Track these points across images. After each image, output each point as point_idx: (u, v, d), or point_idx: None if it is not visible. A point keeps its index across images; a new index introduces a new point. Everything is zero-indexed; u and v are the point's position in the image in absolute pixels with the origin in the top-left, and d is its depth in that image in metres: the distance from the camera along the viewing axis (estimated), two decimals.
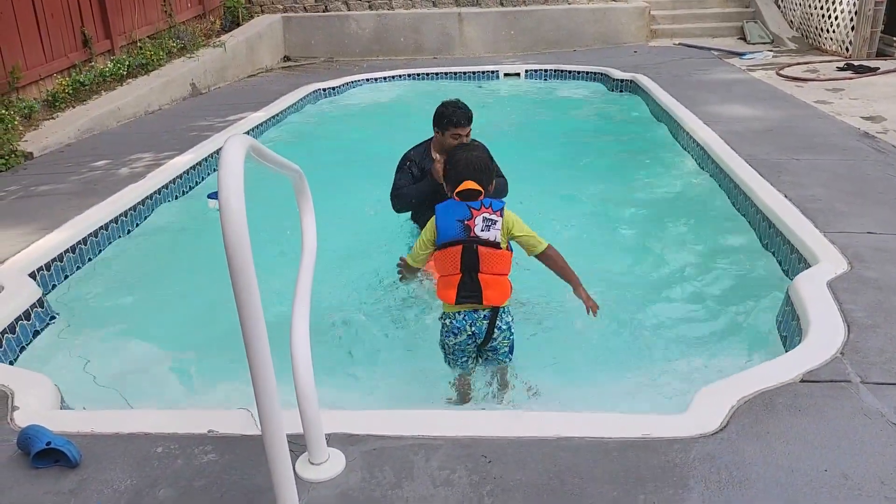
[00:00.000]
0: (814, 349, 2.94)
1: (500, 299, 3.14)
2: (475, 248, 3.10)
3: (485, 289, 3.10)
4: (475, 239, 3.10)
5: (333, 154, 7.48)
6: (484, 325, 3.16)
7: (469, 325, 3.18)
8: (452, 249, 3.12)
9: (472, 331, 3.18)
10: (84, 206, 5.11)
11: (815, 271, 3.63)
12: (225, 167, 1.90)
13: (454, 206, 3.17)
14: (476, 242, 3.10)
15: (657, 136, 7.26)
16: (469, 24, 12.32)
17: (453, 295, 3.12)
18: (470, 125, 4.35)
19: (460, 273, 3.11)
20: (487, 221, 3.11)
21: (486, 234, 3.11)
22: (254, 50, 11.65)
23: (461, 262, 3.10)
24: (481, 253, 3.10)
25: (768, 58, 10.38)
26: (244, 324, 1.96)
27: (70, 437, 2.61)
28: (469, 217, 3.11)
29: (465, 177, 3.17)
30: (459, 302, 3.14)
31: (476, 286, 3.10)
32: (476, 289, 3.10)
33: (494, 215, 3.12)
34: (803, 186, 4.83)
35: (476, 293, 3.11)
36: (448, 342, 3.24)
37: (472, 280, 3.10)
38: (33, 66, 8.00)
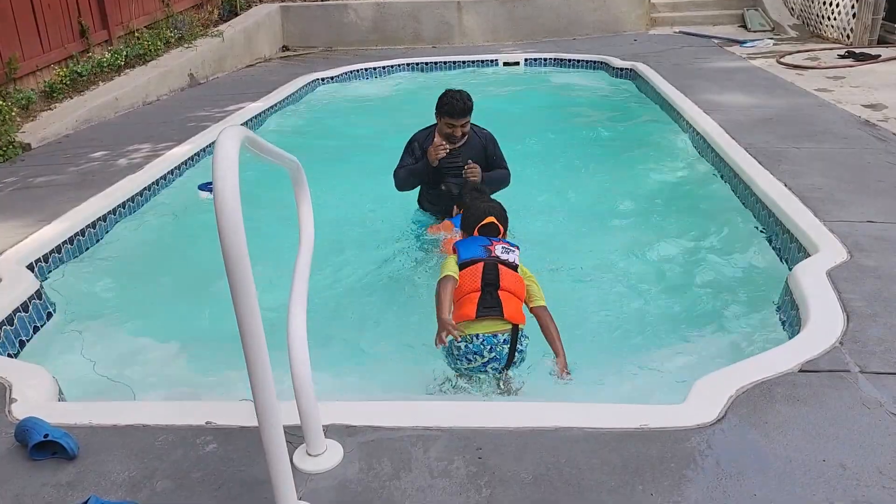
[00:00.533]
0: (813, 339, 2.94)
1: (519, 317, 3.16)
2: (496, 265, 3.20)
3: (505, 304, 3.13)
4: (496, 258, 3.23)
5: (332, 143, 7.47)
6: (504, 349, 3.12)
7: (487, 351, 3.11)
8: (474, 267, 3.20)
9: (491, 356, 3.12)
10: (82, 198, 5.10)
11: (814, 260, 3.62)
12: (219, 159, 1.88)
13: (475, 239, 3.38)
14: (497, 261, 3.22)
15: (657, 124, 7.23)
16: (468, 13, 12.26)
17: (473, 310, 3.12)
18: (466, 118, 4.38)
19: (480, 290, 3.14)
20: (506, 248, 3.29)
21: (506, 255, 3.25)
22: (252, 40, 11.59)
23: (482, 277, 3.16)
24: (501, 270, 3.18)
25: (769, 46, 10.33)
26: (240, 316, 1.95)
27: (68, 429, 2.61)
28: (489, 244, 3.29)
29: (487, 214, 3.40)
30: (480, 315, 3.11)
31: (496, 301, 3.13)
32: (497, 303, 3.13)
33: (512, 248, 3.32)
34: (803, 175, 4.81)
35: (497, 307, 3.12)
36: (461, 367, 3.17)
37: (493, 296, 3.14)
38: (30, 56, 7.96)
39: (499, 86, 9.79)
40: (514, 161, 6.21)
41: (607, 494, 2.20)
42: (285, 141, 7.51)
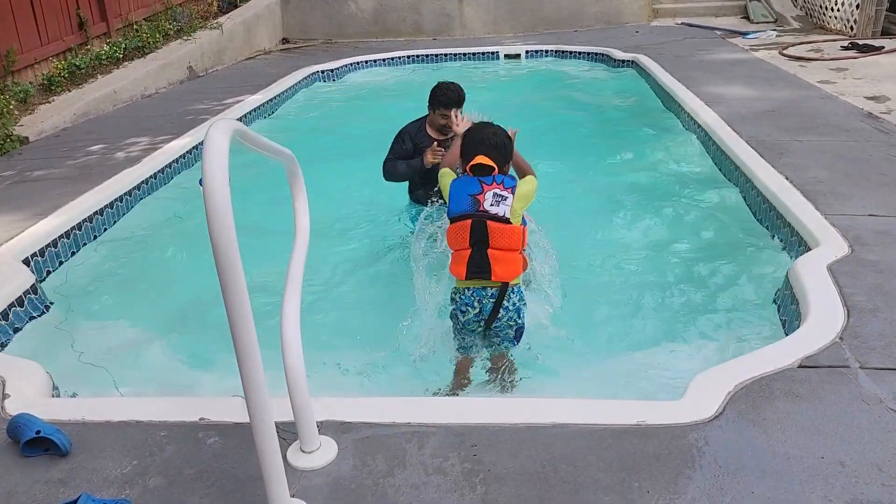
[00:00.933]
0: (812, 334, 2.91)
1: (509, 275, 3.12)
2: (484, 222, 3.10)
3: (493, 264, 3.09)
4: (484, 213, 3.11)
5: (331, 135, 7.44)
6: (490, 303, 3.13)
7: (477, 302, 3.15)
8: (462, 223, 3.13)
9: (480, 307, 3.15)
10: (79, 192, 5.07)
11: (815, 254, 3.58)
12: (209, 153, 1.85)
13: (466, 181, 3.21)
14: (485, 217, 3.10)
15: (659, 117, 7.19)
16: (469, 5, 12.19)
17: (463, 271, 3.12)
18: (459, 108, 4.42)
19: (470, 248, 3.10)
20: (497, 197, 3.11)
21: (495, 209, 3.10)
22: (251, 32, 11.55)
23: (470, 236, 3.10)
24: (490, 228, 3.09)
25: (772, 37, 10.26)
26: (230, 312, 1.93)
27: (61, 425, 2.59)
28: (479, 192, 3.12)
29: (479, 152, 3.17)
30: (469, 278, 3.12)
31: (485, 262, 3.09)
32: (485, 264, 3.09)
33: (506, 192, 3.12)
34: (805, 168, 4.77)
35: (485, 269, 3.09)
36: (459, 318, 3.21)
37: (482, 255, 3.09)
38: (28, 49, 7.93)
39: (499, 78, 9.75)
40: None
41: (603, 492, 2.17)
42: (284, 133, 7.49)
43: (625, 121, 7.33)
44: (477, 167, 3.16)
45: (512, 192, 3.13)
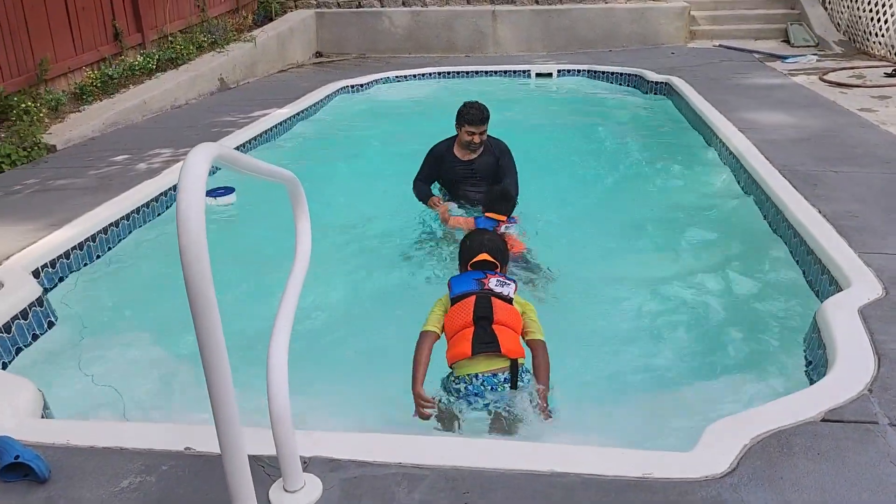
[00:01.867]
0: (839, 384, 2.71)
1: (517, 351, 2.96)
2: (489, 298, 3.03)
3: (501, 338, 2.93)
4: (489, 291, 3.06)
5: (357, 151, 7.39)
6: (506, 388, 2.90)
7: (489, 391, 2.90)
8: (465, 301, 3.03)
9: (493, 398, 2.91)
10: (97, 202, 5.05)
11: (846, 295, 3.37)
12: (186, 178, 1.76)
13: (468, 273, 3.22)
14: (490, 294, 3.05)
15: (690, 141, 7.00)
16: (503, 23, 12.12)
17: (468, 347, 2.92)
18: (484, 126, 4.78)
19: (473, 325, 2.96)
20: (501, 282, 3.11)
21: (500, 288, 3.08)
22: (285, 45, 11.60)
23: (474, 311, 2.98)
24: (495, 303, 3.01)
25: (812, 62, 9.99)
26: (201, 343, 1.84)
27: (45, 449, 2.52)
28: (483, 277, 3.13)
29: (481, 252, 3.23)
30: (476, 352, 2.91)
31: (492, 336, 2.94)
32: (493, 338, 2.93)
33: (509, 281, 3.15)
34: (839, 201, 4.55)
35: (493, 342, 2.93)
36: (460, 407, 2.95)
37: (487, 331, 2.95)
38: (63, 58, 8.04)
39: (530, 96, 9.63)
40: (540, 172, 6.08)
41: None
42: (309, 147, 7.46)
43: (653, 145, 7.15)
44: (479, 263, 3.20)
45: (514, 283, 3.15)
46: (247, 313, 3.90)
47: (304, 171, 6.53)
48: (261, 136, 7.24)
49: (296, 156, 7.24)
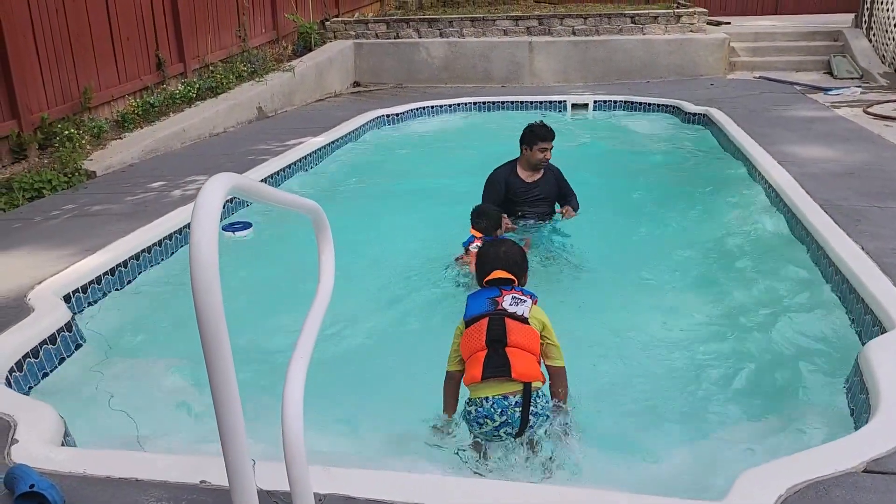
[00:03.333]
0: (882, 432, 2.56)
1: (530, 374, 2.85)
2: (502, 318, 2.92)
3: (513, 362, 2.84)
4: (503, 311, 2.95)
5: (390, 180, 7.40)
6: (517, 412, 2.81)
7: (499, 414, 2.83)
8: (479, 324, 2.94)
9: (503, 420, 2.83)
10: (130, 229, 5.11)
11: (890, 337, 3.22)
12: (200, 210, 1.75)
13: (484, 290, 3.11)
14: (503, 314, 2.94)
15: (728, 174, 6.85)
16: (539, 53, 12.13)
17: (478, 372, 2.85)
18: (553, 141, 5.19)
19: (486, 348, 2.87)
20: (516, 299, 2.99)
21: (514, 307, 2.96)
22: (323, 75, 11.76)
23: (487, 333, 2.89)
24: (509, 325, 2.90)
25: (856, 94, 9.78)
26: (212, 378, 1.80)
27: (61, 478, 2.51)
28: (498, 295, 3.01)
29: (496, 267, 3.11)
30: (486, 377, 2.84)
31: (503, 359, 2.85)
32: (503, 362, 2.84)
33: (525, 297, 3.02)
34: (883, 238, 4.38)
35: (504, 367, 2.84)
36: (474, 431, 2.93)
37: (499, 354, 2.86)
38: (106, 87, 8.23)
39: (565, 127, 9.57)
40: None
41: None
42: (343, 177, 7.49)
43: (691, 177, 7.03)
44: (494, 281, 3.09)
45: (531, 298, 3.02)
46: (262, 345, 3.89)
47: (337, 198, 6.64)
48: (295, 164, 7.30)
49: (329, 184, 7.28)
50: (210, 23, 10.25)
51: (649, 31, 12.17)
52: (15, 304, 3.95)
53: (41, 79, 7.32)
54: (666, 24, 12.15)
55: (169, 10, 9.34)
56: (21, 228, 5.38)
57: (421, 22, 12.80)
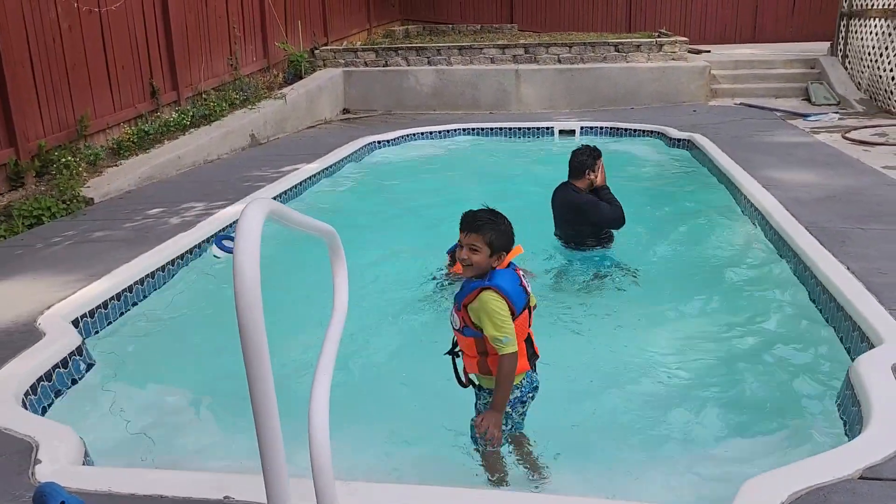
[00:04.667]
0: (875, 441, 2.70)
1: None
2: (530, 309, 3.08)
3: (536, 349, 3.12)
4: (529, 300, 3.07)
5: (384, 206, 7.51)
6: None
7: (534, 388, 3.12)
8: (523, 317, 3.00)
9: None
10: (133, 254, 5.18)
11: (878, 352, 3.36)
12: (243, 232, 1.85)
13: (511, 275, 2.98)
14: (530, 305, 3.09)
15: (714, 198, 7.04)
16: (526, 81, 12.39)
17: (526, 362, 3.03)
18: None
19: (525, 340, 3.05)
20: (525, 280, 3.08)
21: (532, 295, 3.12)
22: (314, 102, 11.92)
23: (529, 326, 3.06)
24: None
25: (834, 120, 10.09)
26: (254, 397, 1.89)
27: (88, 496, 2.57)
28: (520, 281, 3.03)
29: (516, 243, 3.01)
30: (532, 367, 3.09)
31: (532, 347, 3.09)
32: (534, 351, 3.11)
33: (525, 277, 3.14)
34: (868, 259, 4.56)
35: (535, 355, 3.11)
36: (517, 413, 3.07)
37: (530, 343, 3.09)
38: (102, 115, 8.33)
39: (553, 154, 9.76)
40: None
41: None
42: (337, 202, 7.61)
43: (677, 201, 7.21)
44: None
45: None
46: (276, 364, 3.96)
47: (332, 223, 6.71)
48: (289, 190, 7.41)
49: (324, 209, 7.38)
50: (202, 51, 10.40)
51: (632, 59, 12.48)
52: (25, 328, 4.02)
53: (38, 107, 7.41)
54: (648, 53, 12.47)
55: (162, 39, 9.49)
56: (23, 255, 5.44)
57: (409, 50, 13.04)
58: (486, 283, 2.87)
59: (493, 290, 2.86)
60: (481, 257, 2.86)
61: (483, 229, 2.85)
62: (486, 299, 2.85)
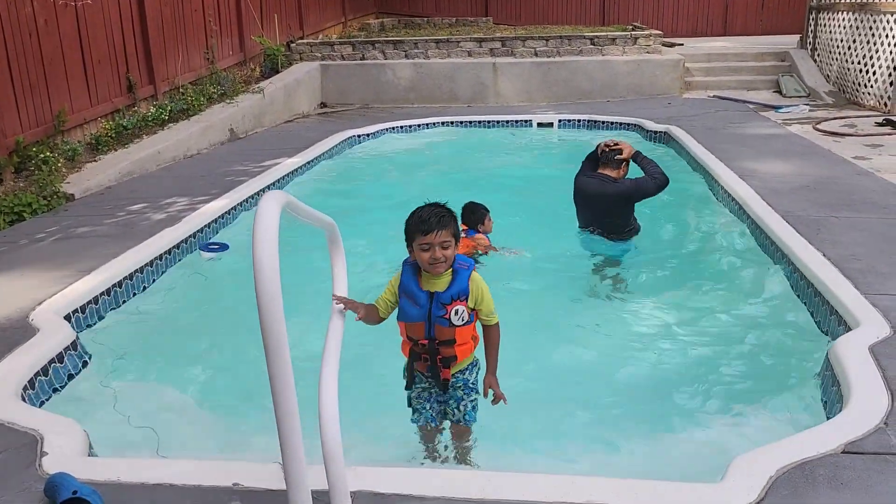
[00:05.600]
0: (856, 418, 2.84)
1: None
2: None
3: None
4: None
5: (366, 199, 7.56)
6: None
7: None
8: None
9: None
10: (120, 249, 5.18)
11: (856, 335, 3.52)
12: (260, 226, 1.92)
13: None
14: None
15: (692, 189, 7.20)
16: (503, 74, 12.48)
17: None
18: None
19: None
20: None
21: None
22: (291, 96, 11.90)
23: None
24: None
25: (805, 112, 10.33)
26: (274, 384, 1.96)
27: (96, 485, 2.61)
28: None
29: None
30: None
31: None
32: None
33: None
34: (843, 245, 4.73)
35: None
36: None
37: None
38: (79, 109, 8.25)
39: (532, 145, 9.88)
40: (543, 219, 6.28)
41: None
42: (319, 196, 7.63)
43: None
44: None
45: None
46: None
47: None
48: (272, 185, 7.42)
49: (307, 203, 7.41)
50: (179, 45, 10.33)
51: (608, 53, 12.63)
52: (19, 324, 4.02)
53: (15, 102, 7.32)
54: (624, 46, 12.63)
55: (139, 32, 9.41)
56: (8, 251, 5.41)
57: (386, 44, 13.06)
58: (470, 268, 2.99)
59: (474, 270, 3.01)
60: (453, 250, 2.94)
61: (449, 224, 2.91)
62: (479, 278, 2.99)
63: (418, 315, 2.96)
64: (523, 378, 3.66)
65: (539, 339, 4.26)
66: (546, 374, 3.83)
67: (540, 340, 4.24)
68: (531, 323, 4.41)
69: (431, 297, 2.93)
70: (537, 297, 4.89)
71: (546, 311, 4.69)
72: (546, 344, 4.19)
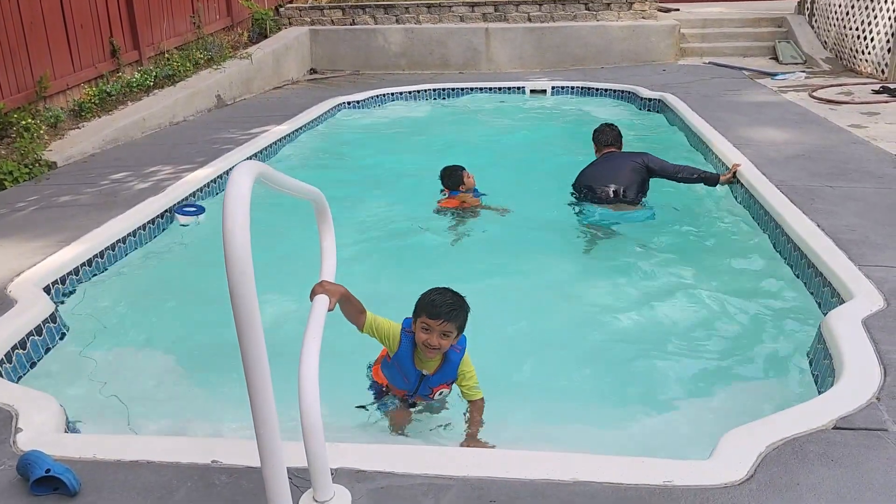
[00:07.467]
0: (847, 393, 2.79)
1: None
2: None
3: None
4: None
5: (355, 167, 7.46)
6: None
7: None
8: None
9: None
10: (102, 219, 5.08)
11: (849, 307, 3.46)
12: (231, 197, 1.83)
13: None
14: None
15: (685, 158, 7.09)
16: (496, 40, 12.26)
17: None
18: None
19: None
20: None
21: None
22: (280, 62, 11.68)
23: None
24: None
25: (801, 79, 10.18)
26: (245, 358, 1.89)
27: (72, 463, 2.55)
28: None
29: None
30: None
31: None
32: None
33: None
34: (837, 215, 4.66)
35: None
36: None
37: None
38: (61, 75, 8.06)
39: (524, 112, 9.74)
40: (535, 189, 6.20)
41: None
42: (309, 164, 7.51)
43: None
44: None
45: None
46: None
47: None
48: (259, 153, 7.29)
49: (295, 171, 7.29)
50: (164, 9, 10.09)
51: (603, 18, 12.40)
52: None
53: None
54: (619, 11, 12.40)
55: None
56: None
57: (377, 8, 12.80)
58: (462, 352, 3.04)
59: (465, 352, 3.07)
60: (450, 341, 2.95)
61: (458, 318, 2.90)
62: (467, 360, 3.07)
63: (404, 386, 3.10)
64: (507, 356, 3.62)
65: (524, 310, 4.20)
66: (531, 352, 3.76)
67: (525, 312, 4.17)
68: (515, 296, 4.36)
69: (421, 378, 3.04)
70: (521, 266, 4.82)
71: (530, 281, 4.63)
72: (531, 316, 4.13)
